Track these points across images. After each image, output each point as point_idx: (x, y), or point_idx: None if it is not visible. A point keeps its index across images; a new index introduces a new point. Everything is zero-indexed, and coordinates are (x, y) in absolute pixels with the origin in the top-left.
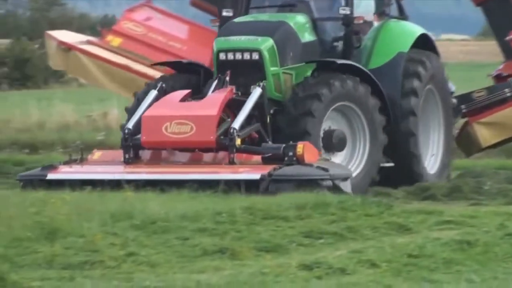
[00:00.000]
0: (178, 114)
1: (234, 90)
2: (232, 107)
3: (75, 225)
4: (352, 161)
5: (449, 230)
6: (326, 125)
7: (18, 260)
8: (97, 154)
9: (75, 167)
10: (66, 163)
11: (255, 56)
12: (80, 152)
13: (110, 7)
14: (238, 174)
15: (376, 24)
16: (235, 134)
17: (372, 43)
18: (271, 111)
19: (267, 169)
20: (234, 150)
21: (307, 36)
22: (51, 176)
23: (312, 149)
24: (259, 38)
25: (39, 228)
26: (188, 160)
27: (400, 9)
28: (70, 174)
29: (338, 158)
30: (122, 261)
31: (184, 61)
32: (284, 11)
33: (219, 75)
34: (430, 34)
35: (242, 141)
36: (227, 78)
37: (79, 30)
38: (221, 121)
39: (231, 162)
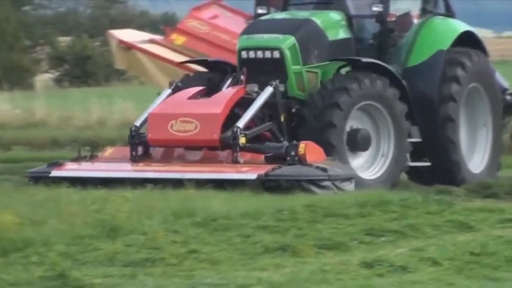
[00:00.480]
0: (183, 112)
1: (250, 88)
2: (245, 106)
3: (136, 222)
4: (375, 162)
5: (511, 228)
6: (351, 123)
7: (80, 257)
8: (109, 151)
9: (84, 164)
10: (75, 160)
11: (276, 54)
12: (91, 149)
13: (170, 5)
14: (234, 174)
15: (416, 21)
16: (239, 133)
17: (412, 40)
18: (293, 110)
19: (266, 169)
20: (238, 149)
21: (341, 34)
22: (54, 173)
23: (317, 149)
24: (281, 36)
25: (101, 225)
26: (200, 158)
27: (447, 6)
28: (73, 172)
29: (361, 158)
30: (183, 259)
31: (211, 59)
32: (320, 8)
33: (234, 73)
34: (474, 31)
35: (248, 140)
36: (242, 77)
37: (139, 28)
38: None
39: (235, 161)
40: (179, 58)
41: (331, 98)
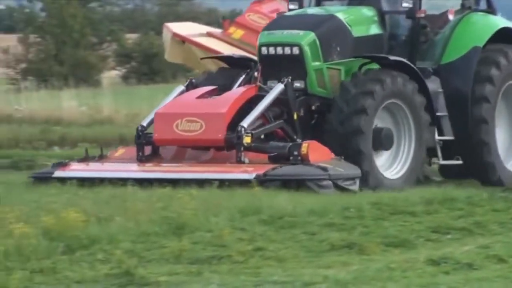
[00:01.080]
0: (189, 112)
1: (261, 85)
2: (257, 104)
3: (203, 220)
4: (397, 160)
5: None
6: (375, 123)
7: (146, 254)
8: (120, 151)
9: (92, 164)
10: (82, 160)
11: (296, 50)
12: (100, 149)
13: (239, 2)
14: (232, 174)
15: (452, 18)
16: (243, 132)
17: (448, 36)
18: (313, 107)
19: (266, 168)
20: (242, 148)
21: (371, 30)
22: (58, 173)
23: (321, 148)
24: (301, 32)
25: (166, 223)
26: (210, 158)
27: (489, 2)
28: (77, 172)
29: (383, 156)
30: (249, 256)
31: (236, 55)
32: (353, 4)
33: (248, 70)
34: None
35: (254, 139)
36: (256, 74)
37: (207, 25)
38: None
39: (239, 161)
40: (234, 52)
41: (356, 103)
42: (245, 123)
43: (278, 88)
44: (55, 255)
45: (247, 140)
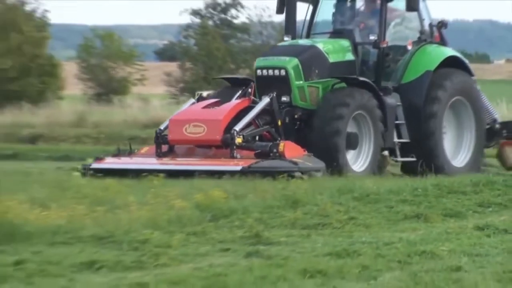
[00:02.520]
0: (195, 118)
1: (254, 98)
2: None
3: (311, 197)
4: (360, 157)
5: None
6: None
7: (270, 222)
8: (144, 149)
9: (123, 159)
10: (116, 155)
11: (283, 72)
12: (129, 146)
13: None
14: (225, 166)
15: (410, 48)
16: (235, 134)
17: (407, 62)
18: (296, 116)
19: (249, 162)
20: (234, 147)
21: (346, 57)
22: (94, 165)
23: (295, 147)
24: (287, 58)
25: (285, 199)
26: (212, 154)
27: (441, 36)
28: (109, 164)
29: (350, 154)
30: (345, 223)
31: (240, 76)
32: (333, 37)
33: (243, 87)
34: (460, 56)
35: (244, 140)
36: (249, 90)
37: None
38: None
39: (232, 157)
40: None
41: (336, 111)
42: (237, 127)
43: (264, 101)
44: (204, 222)
45: (238, 140)
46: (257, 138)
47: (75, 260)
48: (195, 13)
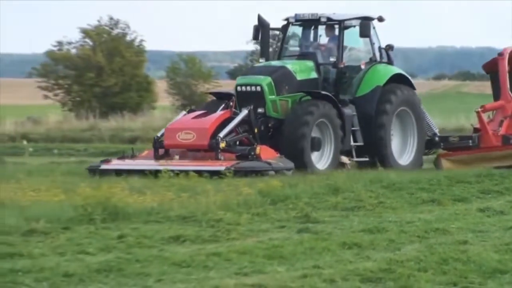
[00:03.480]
0: (186, 127)
1: (235, 110)
2: (230, 122)
3: (348, 185)
4: (322, 157)
5: None
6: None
7: (316, 205)
8: (145, 152)
9: (127, 161)
10: (121, 158)
11: (258, 88)
12: (132, 150)
13: None
14: (211, 167)
15: (363, 67)
16: (219, 140)
17: (361, 79)
18: (270, 125)
19: (231, 163)
20: (219, 150)
21: (311, 75)
22: (103, 166)
23: (268, 150)
24: (262, 77)
25: (328, 187)
26: (201, 156)
27: (388, 57)
28: (115, 165)
29: (314, 155)
30: (375, 206)
31: (223, 91)
32: (300, 59)
33: (226, 100)
34: (404, 73)
35: (227, 144)
36: (231, 103)
37: None
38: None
39: (217, 159)
40: None
41: (302, 119)
42: (221, 134)
43: (243, 112)
44: (265, 205)
45: (222, 145)
46: (237, 143)
47: (164, 234)
48: (257, 42)
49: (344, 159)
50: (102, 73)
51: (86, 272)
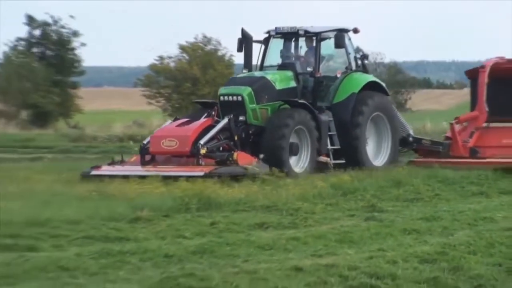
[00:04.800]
0: (169, 134)
1: (216, 118)
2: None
3: (409, 180)
4: (300, 161)
5: None
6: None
7: (381, 197)
8: (133, 158)
9: (116, 167)
10: (110, 163)
11: (239, 98)
12: (121, 156)
13: None
14: (191, 172)
15: (339, 76)
16: (200, 146)
17: (337, 87)
18: (250, 132)
19: (210, 168)
20: (200, 156)
21: (290, 84)
22: (93, 172)
23: (246, 156)
24: (243, 87)
25: (391, 181)
26: (185, 162)
27: (363, 66)
28: (104, 171)
29: (293, 159)
30: (432, 198)
31: (208, 101)
32: (280, 69)
33: (209, 109)
34: (378, 80)
35: (209, 151)
36: (213, 112)
37: None
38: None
39: (198, 164)
40: None
41: (279, 130)
42: (202, 141)
43: (224, 121)
44: (337, 197)
45: (203, 151)
46: (220, 148)
47: (250, 221)
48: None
49: (325, 159)
50: (197, 83)
51: (183, 254)
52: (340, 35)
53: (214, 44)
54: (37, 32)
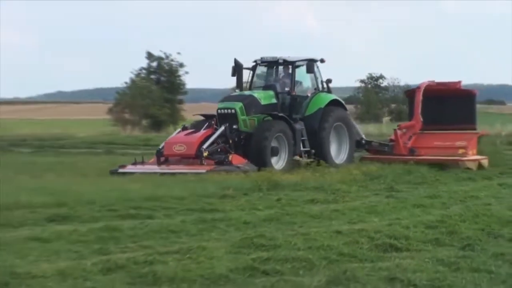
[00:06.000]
0: (179, 141)
1: (216, 127)
2: (211, 136)
3: (417, 169)
4: (280, 160)
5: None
6: (272, 144)
7: (397, 181)
8: (152, 160)
9: (138, 166)
10: (134, 164)
11: (233, 111)
12: (142, 157)
13: None
14: (196, 169)
15: (309, 94)
16: (203, 150)
17: (308, 102)
18: (242, 137)
19: (211, 167)
20: (203, 158)
21: (272, 101)
22: (120, 170)
23: (238, 157)
24: (236, 103)
25: (405, 170)
26: (192, 162)
27: (328, 88)
28: (129, 169)
29: (274, 159)
30: (434, 181)
31: (208, 114)
32: (265, 89)
33: (210, 120)
34: (339, 99)
35: (210, 153)
36: (213, 122)
37: None
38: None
39: (201, 164)
40: None
41: (263, 135)
42: (204, 146)
43: (221, 129)
44: (367, 181)
45: (205, 154)
46: (219, 150)
47: (304, 198)
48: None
49: (298, 158)
50: None
51: (257, 221)
52: (310, 64)
53: None
54: (154, 64)
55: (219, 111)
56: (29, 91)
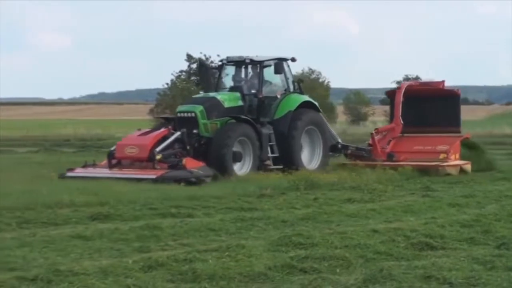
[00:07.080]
0: (132, 143)
1: (171, 130)
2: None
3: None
4: (244, 166)
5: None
6: (234, 148)
7: (434, 181)
8: (103, 162)
9: (89, 169)
10: (84, 166)
11: (192, 114)
12: (93, 160)
13: None
14: (146, 175)
15: (279, 96)
16: (156, 153)
17: (277, 105)
18: (202, 142)
19: (162, 172)
20: (155, 161)
21: (237, 103)
22: (68, 174)
23: (193, 161)
24: (196, 106)
25: (440, 172)
26: (142, 167)
27: (300, 88)
28: (77, 173)
29: (237, 165)
30: (469, 181)
31: (170, 116)
32: (231, 91)
33: (166, 123)
34: (312, 100)
35: (164, 157)
36: (169, 126)
37: None
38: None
39: (154, 168)
40: None
41: (223, 140)
42: (158, 149)
43: (177, 133)
44: (402, 180)
45: (158, 157)
46: (177, 155)
47: (341, 197)
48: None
49: (267, 163)
50: None
51: (294, 219)
52: (279, 63)
53: (316, 73)
54: (194, 66)
55: (178, 114)
56: (72, 92)
